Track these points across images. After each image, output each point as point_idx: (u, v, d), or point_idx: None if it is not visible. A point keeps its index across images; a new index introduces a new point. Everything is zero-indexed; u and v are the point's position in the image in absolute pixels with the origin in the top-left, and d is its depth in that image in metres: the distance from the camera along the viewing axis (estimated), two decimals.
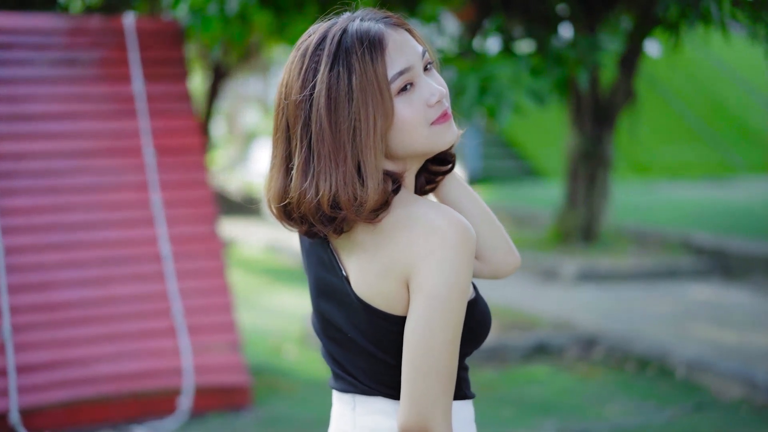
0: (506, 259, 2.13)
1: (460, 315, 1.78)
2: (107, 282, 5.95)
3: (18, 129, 6.05)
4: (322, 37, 1.83)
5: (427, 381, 1.77)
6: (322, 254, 1.93)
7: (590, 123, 10.23)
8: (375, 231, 1.82)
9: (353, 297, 1.85)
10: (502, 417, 5.87)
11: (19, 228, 5.86)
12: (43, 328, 5.75)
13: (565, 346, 7.24)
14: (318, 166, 1.80)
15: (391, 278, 1.80)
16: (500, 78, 6.02)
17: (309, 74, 1.82)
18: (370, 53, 1.79)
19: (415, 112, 1.82)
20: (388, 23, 1.85)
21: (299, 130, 1.82)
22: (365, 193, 1.77)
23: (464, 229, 1.78)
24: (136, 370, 5.82)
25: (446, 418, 1.78)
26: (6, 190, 5.87)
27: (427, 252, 1.76)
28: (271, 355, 7.44)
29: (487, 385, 6.55)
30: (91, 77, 6.34)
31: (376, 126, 1.78)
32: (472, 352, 1.96)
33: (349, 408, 1.95)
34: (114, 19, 6.58)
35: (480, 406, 5.99)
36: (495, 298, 8.86)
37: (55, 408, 5.65)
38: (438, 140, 1.85)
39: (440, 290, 1.76)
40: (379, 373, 1.89)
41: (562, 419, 5.80)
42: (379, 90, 1.78)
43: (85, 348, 5.78)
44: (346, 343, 1.91)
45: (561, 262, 10.09)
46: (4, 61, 6.15)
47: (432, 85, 1.85)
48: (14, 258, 5.78)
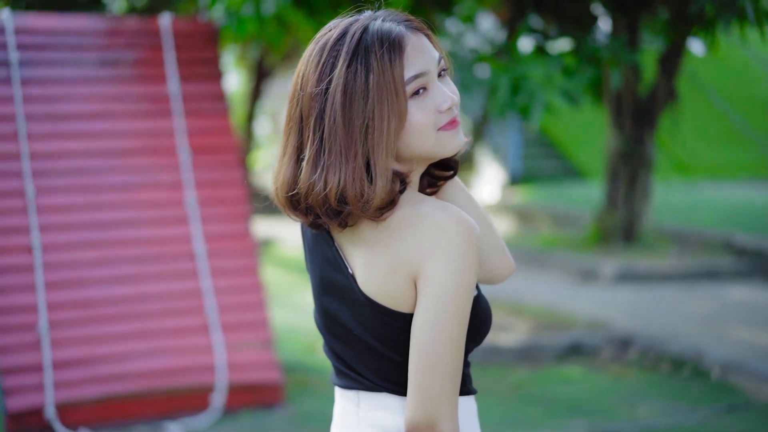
0: (501, 265, 2.15)
1: (466, 312, 1.81)
2: (141, 279, 6.02)
3: (54, 128, 6.14)
4: (343, 32, 1.86)
5: (434, 378, 1.79)
6: (326, 251, 1.95)
7: (630, 123, 10.17)
8: (381, 229, 1.84)
9: (359, 294, 1.87)
10: (530, 416, 5.87)
11: (55, 226, 5.95)
12: (78, 324, 5.83)
13: (599, 346, 7.21)
14: (328, 159, 1.82)
15: (398, 276, 1.83)
16: (532, 78, 6.02)
17: (326, 68, 1.84)
18: (389, 54, 1.82)
19: (425, 116, 1.84)
20: (408, 26, 1.88)
21: (312, 122, 1.85)
22: (373, 191, 1.80)
23: (470, 227, 1.80)
24: (170, 367, 5.89)
25: (453, 414, 1.80)
26: (43, 189, 5.96)
27: (433, 250, 1.79)
28: (305, 353, 7.49)
29: (519, 384, 6.55)
30: (127, 77, 6.42)
31: (389, 126, 1.80)
32: (473, 348, 1.98)
33: (353, 404, 1.97)
34: (150, 20, 6.66)
35: (509, 406, 6.04)
36: (531, 298, 8.86)
37: (90, 404, 5.73)
38: (444, 146, 1.88)
39: (447, 288, 1.78)
40: (385, 369, 1.91)
41: (592, 419, 5.79)
42: (395, 91, 1.81)
43: (120, 344, 5.86)
44: (351, 340, 1.93)
45: (600, 263, 10.04)
46: (41, 62, 6.24)
47: (445, 91, 1.87)
48: (50, 255, 5.88)
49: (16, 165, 5.95)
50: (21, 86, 6.09)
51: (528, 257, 11.28)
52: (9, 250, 5.83)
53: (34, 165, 5.98)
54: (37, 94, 6.15)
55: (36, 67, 6.21)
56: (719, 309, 8.37)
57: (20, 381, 5.61)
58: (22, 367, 5.63)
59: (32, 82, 6.16)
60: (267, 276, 11.72)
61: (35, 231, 5.85)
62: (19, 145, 5.97)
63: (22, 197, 5.90)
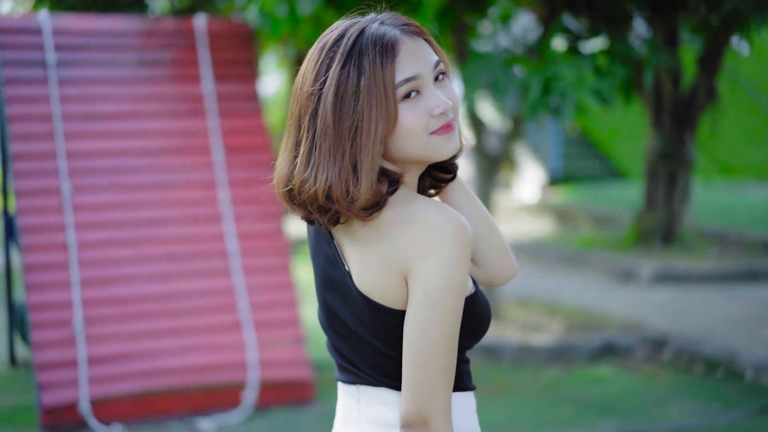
0: (503, 266, 2.16)
1: (457, 310, 1.83)
2: (175, 277, 6.10)
3: (91, 128, 6.23)
4: (341, 34, 1.89)
5: (426, 374, 1.81)
6: (326, 248, 1.98)
7: (670, 123, 10.10)
8: (375, 227, 1.87)
9: (355, 291, 1.91)
10: (561, 417, 5.87)
11: (91, 224, 6.04)
12: (113, 321, 5.92)
13: (633, 346, 7.18)
14: (318, 158, 1.86)
15: (391, 273, 1.85)
16: (564, 78, 6.01)
17: (322, 68, 1.88)
18: (381, 57, 1.84)
19: (416, 120, 1.86)
20: (405, 30, 1.90)
21: (307, 120, 1.89)
22: (358, 190, 1.83)
23: (461, 226, 1.82)
24: (203, 363, 5.96)
25: (445, 410, 1.83)
26: (79, 188, 6.06)
27: (424, 248, 1.81)
28: None
29: (550, 384, 6.55)
30: (162, 78, 6.49)
31: (377, 128, 1.83)
32: (473, 345, 2.00)
33: (354, 399, 2.00)
34: (185, 21, 6.74)
35: (539, 406, 6.03)
36: (567, 298, 8.84)
37: (124, 399, 5.81)
38: (436, 150, 1.90)
39: (437, 286, 1.81)
40: (383, 365, 1.94)
41: (622, 420, 5.77)
42: (384, 94, 1.83)
43: (153, 341, 5.93)
44: (350, 335, 1.96)
45: (638, 263, 9.99)
46: (77, 62, 6.33)
47: (438, 96, 1.89)
48: (86, 253, 5.97)
49: (52, 164, 6.05)
50: (58, 86, 6.19)
51: (566, 257, 11.25)
52: (45, 248, 5.92)
53: (70, 164, 6.08)
54: (74, 94, 6.25)
55: (73, 68, 6.31)
56: (756, 310, 8.30)
57: (55, 376, 5.70)
58: (57, 363, 5.72)
59: (69, 83, 6.26)
60: (299, 274, 11.81)
61: (71, 229, 5.94)
62: (55, 145, 6.07)
63: (58, 196, 6.00)
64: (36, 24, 6.30)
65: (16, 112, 6.12)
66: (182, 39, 6.59)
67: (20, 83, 6.19)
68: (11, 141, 6.06)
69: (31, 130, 6.11)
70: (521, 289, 9.51)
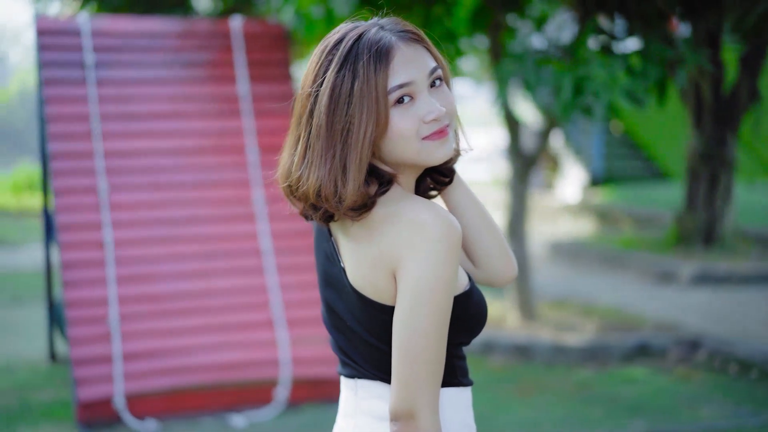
0: (502, 267, 2.19)
1: (444, 306, 1.87)
2: (209, 275, 6.18)
3: (127, 128, 6.34)
4: (341, 38, 1.94)
5: (413, 368, 1.85)
6: (325, 245, 2.04)
7: (711, 124, 10.04)
8: (367, 224, 1.92)
9: (349, 287, 1.96)
10: (590, 416, 5.87)
11: (127, 222, 6.15)
12: (148, 318, 6.01)
13: (667, 347, 7.16)
14: (312, 157, 1.92)
15: (380, 270, 1.90)
16: (596, 78, 6.02)
17: (321, 70, 1.93)
18: (375, 63, 1.88)
19: (408, 125, 1.90)
20: (403, 37, 1.94)
21: (305, 120, 1.95)
22: (345, 191, 1.87)
23: (448, 224, 1.86)
24: (235, 360, 6.03)
25: (432, 403, 1.87)
26: (115, 186, 6.17)
27: (412, 245, 1.85)
28: None
29: (582, 384, 6.55)
30: (198, 78, 6.59)
31: (366, 131, 1.87)
32: (469, 341, 2.03)
33: (352, 393, 2.05)
34: (221, 22, 6.83)
35: (569, 405, 6.03)
36: (605, 298, 8.83)
37: (158, 395, 5.90)
38: (428, 155, 1.93)
39: (424, 282, 1.85)
40: (377, 359, 1.98)
41: (652, 420, 5.76)
42: (376, 98, 1.88)
43: (187, 338, 6.02)
44: (348, 331, 2.01)
45: (678, 264, 9.95)
46: (115, 63, 6.45)
47: (432, 102, 1.92)
48: (122, 251, 6.07)
49: (90, 163, 6.16)
50: (96, 87, 6.30)
51: (606, 258, 11.22)
52: (82, 246, 6.04)
53: (107, 163, 6.19)
54: (112, 95, 6.36)
55: (111, 69, 6.42)
56: None
57: (91, 372, 5.81)
58: (93, 359, 5.83)
59: (107, 83, 6.37)
60: None
61: (107, 227, 6.05)
62: (93, 144, 6.18)
63: (95, 194, 6.11)
64: (75, 26, 6.42)
65: (56, 112, 6.24)
66: (218, 40, 6.68)
67: (59, 84, 6.32)
68: (50, 140, 6.18)
69: (69, 129, 6.23)
70: (558, 290, 9.51)
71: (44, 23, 6.44)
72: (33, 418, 5.95)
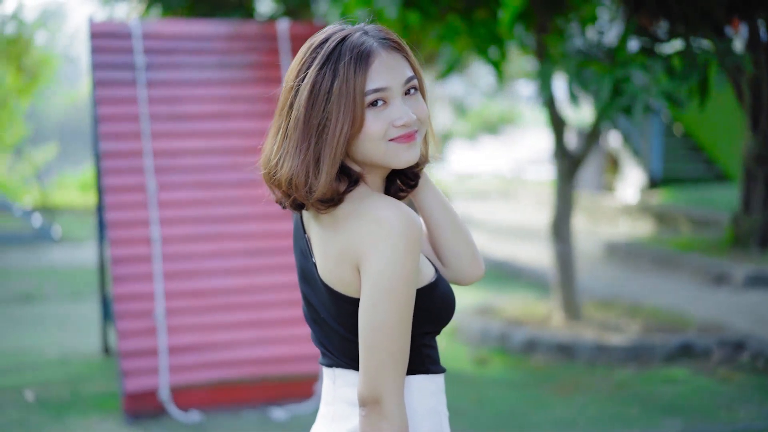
0: (469, 267, 2.28)
1: (404, 298, 1.97)
2: (252, 272, 6.33)
3: (175, 128, 6.52)
4: (327, 38, 2.06)
5: (376, 356, 1.97)
6: (301, 242, 2.17)
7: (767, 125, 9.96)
8: (334, 221, 2.03)
9: (320, 281, 2.08)
10: (626, 415, 5.91)
11: (174, 220, 6.32)
12: (193, 313, 6.18)
13: (710, 348, 7.16)
14: (288, 147, 2.03)
15: (345, 264, 2.01)
16: (636, 79, 6.05)
17: (304, 66, 2.05)
18: (355, 65, 1.99)
19: (378, 127, 2.01)
20: (384, 44, 2.05)
21: (285, 111, 2.06)
22: (317, 182, 1.99)
23: (408, 219, 1.96)
24: (277, 355, 6.18)
25: (396, 390, 1.97)
26: (164, 185, 6.34)
27: (373, 240, 1.96)
28: None
29: (622, 383, 6.58)
30: (245, 80, 6.74)
31: (342, 129, 1.99)
32: (438, 330, 2.14)
33: (331, 381, 2.17)
34: (268, 24, 6.98)
35: (606, 404, 6.08)
36: (655, 299, 8.82)
37: (201, 388, 6.07)
38: (393, 157, 2.04)
39: (384, 276, 1.95)
40: (349, 349, 2.10)
41: (688, 420, 5.79)
42: (353, 99, 1.99)
43: (230, 333, 6.18)
44: (322, 323, 2.13)
45: (732, 266, 9.89)
46: (165, 65, 6.62)
47: (404, 109, 2.03)
48: (168, 247, 6.25)
49: (139, 162, 6.34)
50: (146, 88, 6.48)
51: (660, 259, 11.18)
52: (130, 242, 6.22)
53: (156, 162, 6.36)
54: (161, 96, 6.54)
55: (160, 70, 6.60)
56: None
57: (137, 364, 5.99)
58: (139, 352, 6.01)
59: (157, 84, 6.55)
60: None
61: (155, 224, 6.23)
62: (142, 144, 6.36)
63: (144, 192, 6.29)
64: (127, 29, 6.61)
65: (107, 112, 6.43)
66: (266, 42, 6.83)
67: (111, 85, 6.51)
68: (101, 140, 6.38)
69: (119, 129, 6.42)
70: (608, 290, 9.52)
71: (97, 26, 6.63)
72: (83, 409, 6.15)
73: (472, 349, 7.64)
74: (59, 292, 10.69)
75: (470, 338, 7.88)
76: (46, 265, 13.10)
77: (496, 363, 7.24)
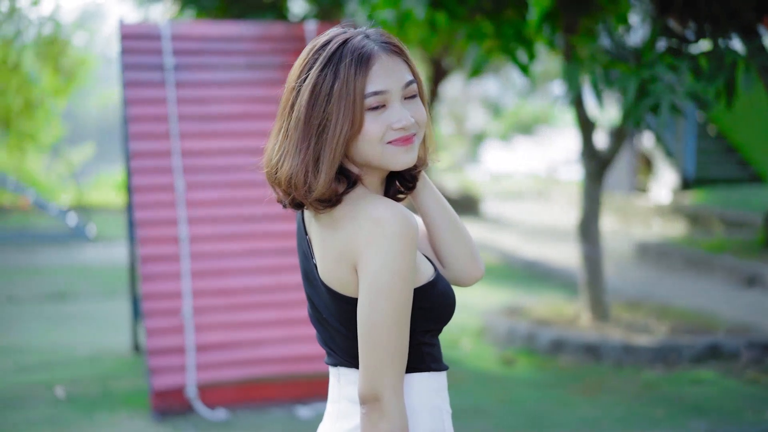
0: (468, 268, 2.30)
1: (401, 297, 1.99)
2: (280, 271, 6.38)
3: (204, 128, 6.58)
4: (329, 40, 2.09)
5: (374, 355, 2.00)
6: (303, 243, 2.20)
7: None
8: (332, 222, 2.06)
9: (320, 281, 2.11)
10: (652, 416, 5.90)
11: (203, 219, 6.38)
12: (220, 311, 6.24)
13: (738, 350, 7.13)
14: (288, 147, 2.07)
15: (343, 264, 2.04)
16: (661, 80, 6.04)
17: (306, 67, 2.08)
18: (356, 67, 2.02)
19: (376, 129, 2.04)
20: (385, 48, 2.07)
21: (287, 111, 2.10)
22: (316, 182, 2.02)
23: (403, 219, 1.99)
24: (303, 353, 6.22)
25: (395, 387, 2.00)
26: (192, 184, 6.41)
27: (369, 240, 1.99)
28: (448, 347, 7.71)
29: (648, 384, 6.57)
30: (273, 80, 6.79)
31: (342, 130, 2.01)
32: (438, 329, 2.16)
33: (336, 380, 2.21)
34: (296, 26, 7.02)
35: (632, 405, 6.06)
36: (684, 300, 8.79)
37: (228, 385, 6.12)
38: (390, 159, 2.06)
39: (380, 275, 1.98)
40: (351, 348, 2.12)
41: (714, 421, 5.77)
42: (353, 101, 2.02)
43: (257, 331, 6.23)
44: (325, 323, 2.16)
45: (764, 268, 9.84)
46: (194, 66, 6.69)
47: (402, 112, 2.06)
48: (197, 246, 6.31)
49: (167, 162, 6.41)
50: (175, 88, 6.55)
51: (692, 260, 11.13)
52: (159, 241, 6.29)
53: (184, 162, 6.43)
54: (190, 96, 6.60)
55: (189, 71, 6.66)
56: None
57: (165, 362, 6.06)
58: (167, 349, 6.08)
59: (185, 85, 6.62)
60: None
61: (183, 223, 6.30)
62: (171, 144, 6.43)
63: (172, 192, 6.36)
64: (156, 30, 6.68)
65: (136, 112, 6.50)
66: (293, 43, 6.87)
67: (140, 86, 6.58)
68: (131, 140, 6.45)
69: (149, 129, 6.49)
70: (638, 291, 9.50)
71: (127, 28, 6.71)
72: (112, 405, 6.23)
73: (499, 349, 7.65)
74: (92, 291, 10.81)
75: (497, 338, 7.89)
76: (80, 263, 13.25)
77: (522, 363, 7.25)
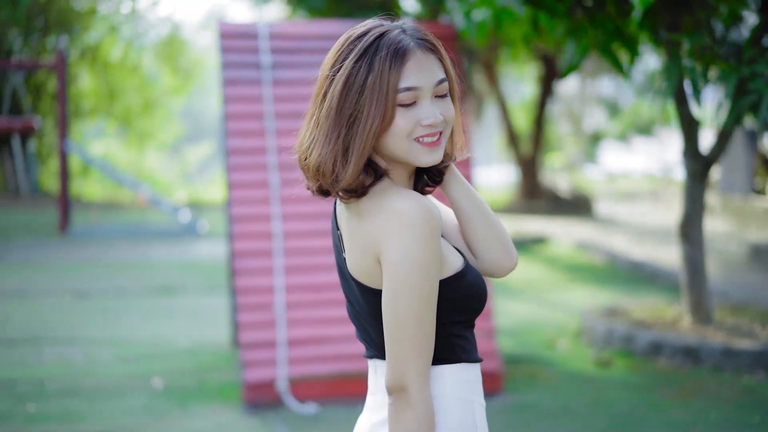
0: (501, 259, 2.27)
1: (423, 288, 2.00)
2: None
3: (299, 126, 6.62)
4: (366, 32, 2.10)
5: (400, 345, 2.01)
6: (335, 238, 2.23)
7: None
8: (358, 216, 2.08)
9: (349, 275, 2.13)
10: (747, 421, 5.75)
11: (294, 215, 6.46)
12: (311, 306, 6.31)
13: None
14: (318, 135, 2.09)
15: (368, 256, 2.06)
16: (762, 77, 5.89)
17: (341, 57, 2.09)
18: (391, 61, 2.04)
19: (405, 125, 2.05)
20: (421, 44, 2.08)
21: (320, 99, 2.12)
22: (344, 172, 2.04)
23: (424, 210, 1.99)
24: None
25: (420, 378, 2.01)
26: (286, 181, 6.50)
27: (391, 232, 2.00)
28: (543, 347, 7.65)
29: (747, 389, 6.40)
30: None
31: (373, 123, 2.03)
32: (470, 320, 2.15)
33: (373, 372, 2.22)
34: None
35: (728, 410, 5.94)
36: None
37: (318, 380, 6.19)
38: (416, 155, 2.08)
39: (402, 266, 1.99)
40: (383, 340, 2.13)
41: None
42: (386, 94, 2.03)
43: (348, 327, 6.27)
44: (359, 316, 2.19)
45: None
46: (290, 64, 6.77)
47: (432, 109, 2.06)
48: (290, 242, 6.40)
49: (262, 159, 6.51)
50: (272, 86, 6.65)
51: None
52: (253, 236, 6.39)
53: (279, 159, 6.52)
54: (286, 94, 6.69)
55: (285, 69, 6.75)
56: None
57: (257, 356, 6.15)
58: (259, 343, 6.17)
59: (282, 83, 6.71)
60: (532, 272, 11.93)
61: (277, 219, 6.39)
62: (266, 141, 6.53)
63: (266, 188, 6.45)
64: (254, 30, 6.79)
65: (233, 110, 6.62)
66: None
67: (238, 84, 6.70)
68: (228, 137, 6.57)
69: (245, 127, 6.60)
70: (745, 294, 9.26)
71: (226, 27, 6.83)
72: (207, 398, 6.35)
73: (596, 350, 7.55)
74: (198, 285, 11.04)
75: (595, 339, 7.78)
76: (190, 258, 13.55)
77: (619, 365, 7.13)
